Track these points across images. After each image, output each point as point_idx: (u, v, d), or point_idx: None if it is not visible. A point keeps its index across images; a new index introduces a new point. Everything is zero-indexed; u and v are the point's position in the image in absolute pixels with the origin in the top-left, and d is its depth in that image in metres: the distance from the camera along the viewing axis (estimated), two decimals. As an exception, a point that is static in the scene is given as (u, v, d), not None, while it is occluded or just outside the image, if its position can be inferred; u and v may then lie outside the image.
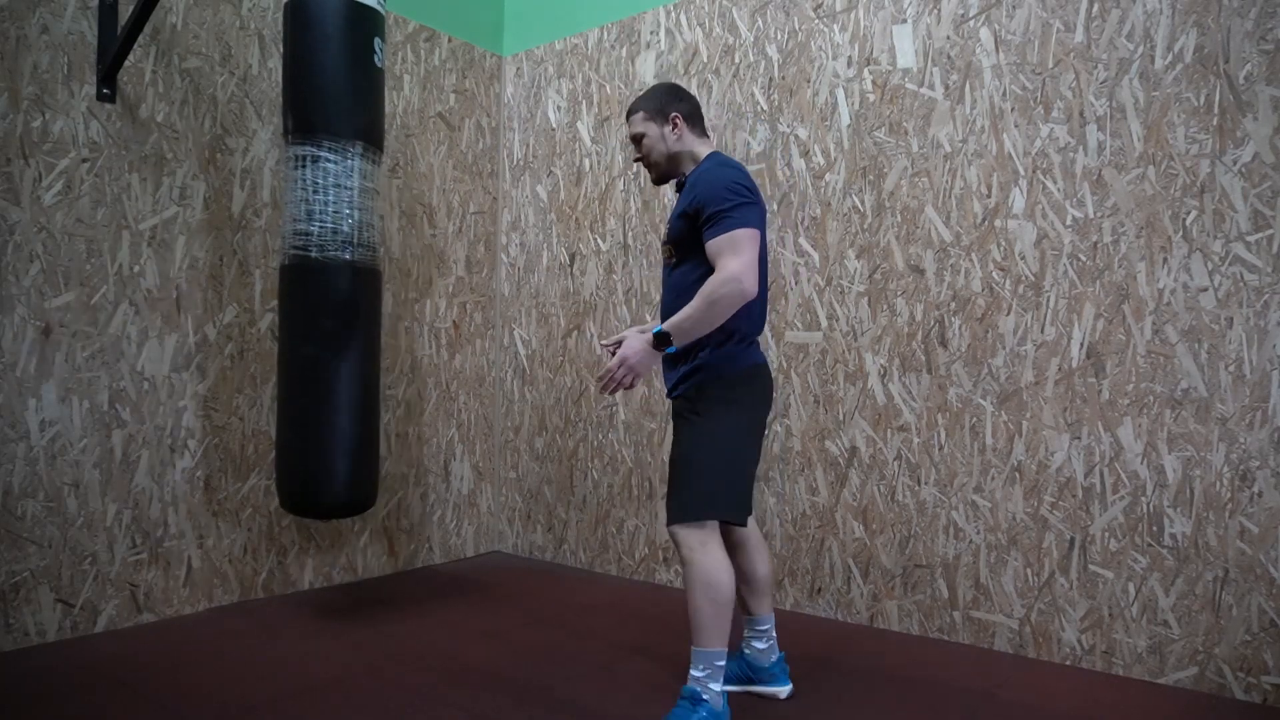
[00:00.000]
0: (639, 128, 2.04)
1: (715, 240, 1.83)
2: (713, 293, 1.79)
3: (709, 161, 1.98)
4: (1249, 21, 2.12)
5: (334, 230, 2.40)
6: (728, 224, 1.83)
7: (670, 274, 2.00)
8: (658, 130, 2.02)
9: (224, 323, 2.81)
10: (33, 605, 2.38)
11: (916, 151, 2.63)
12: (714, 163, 1.96)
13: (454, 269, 3.59)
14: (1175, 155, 2.22)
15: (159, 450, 2.65)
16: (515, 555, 3.72)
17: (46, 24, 2.42)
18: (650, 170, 2.08)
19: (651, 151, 2.03)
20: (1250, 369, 2.12)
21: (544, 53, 3.65)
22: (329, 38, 2.38)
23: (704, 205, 1.85)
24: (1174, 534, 2.21)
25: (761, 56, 2.97)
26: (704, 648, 1.81)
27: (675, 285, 1.97)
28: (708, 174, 1.92)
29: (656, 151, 2.03)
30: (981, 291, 2.52)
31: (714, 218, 1.84)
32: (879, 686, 2.18)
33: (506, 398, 3.77)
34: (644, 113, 2.03)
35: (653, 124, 2.02)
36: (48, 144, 2.42)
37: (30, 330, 2.39)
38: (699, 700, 1.80)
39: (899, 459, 2.66)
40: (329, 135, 2.39)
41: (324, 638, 2.50)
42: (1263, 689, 2.09)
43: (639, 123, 2.04)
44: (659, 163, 2.04)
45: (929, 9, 2.62)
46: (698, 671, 1.82)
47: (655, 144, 2.02)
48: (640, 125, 2.04)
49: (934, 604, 2.59)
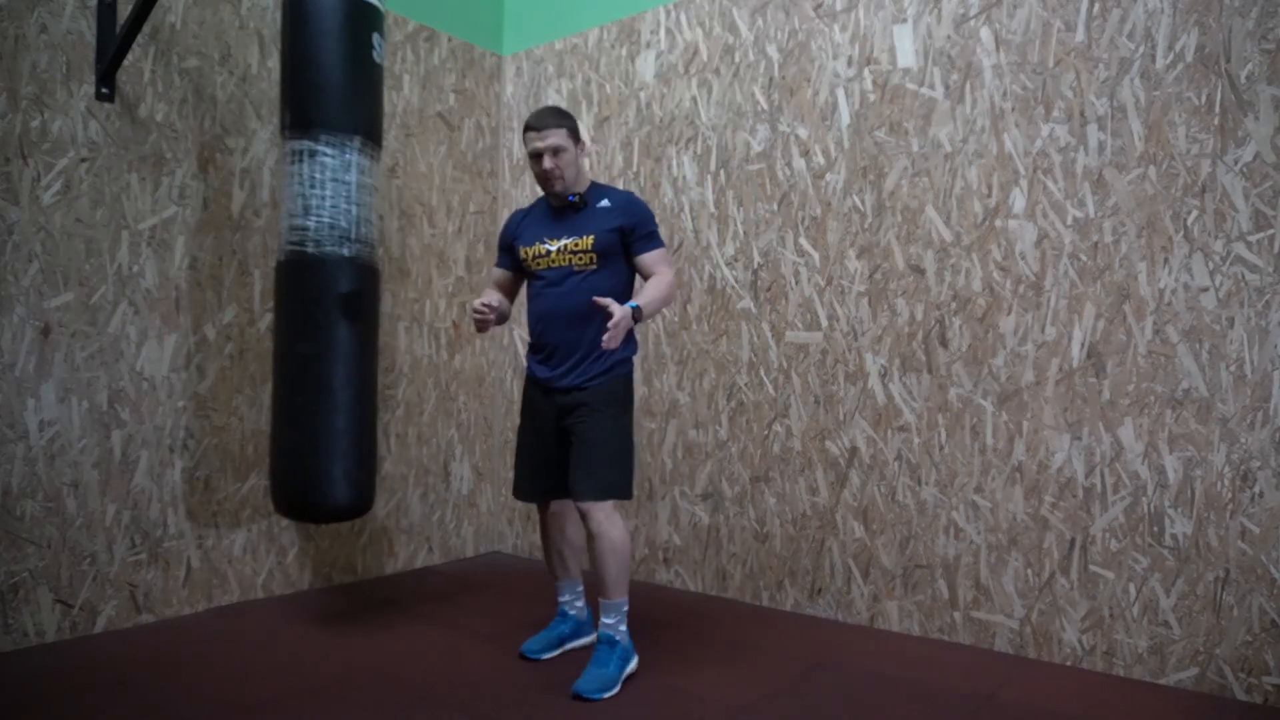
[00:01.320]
0: (563, 141, 2.25)
1: (656, 252, 2.30)
2: (672, 289, 2.25)
3: (615, 189, 2.37)
4: (1250, 21, 2.12)
5: (331, 225, 2.37)
6: (659, 240, 2.32)
7: (580, 280, 2.25)
8: (574, 150, 2.28)
9: (223, 323, 2.81)
10: (32, 605, 2.38)
11: (917, 151, 2.63)
12: (626, 192, 2.38)
13: (454, 269, 3.59)
14: (1176, 155, 2.22)
15: (158, 450, 2.65)
16: (515, 555, 3.72)
17: (45, 23, 2.41)
18: (553, 182, 2.27)
19: (567, 166, 2.26)
20: (1251, 369, 2.11)
21: (544, 52, 3.64)
22: (327, 32, 2.37)
23: (640, 224, 2.28)
24: (1175, 534, 2.21)
25: (761, 56, 2.97)
26: (615, 599, 2.19)
27: (589, 290, 2.22)
28: (636, 199, 2.34)
29: (571, 167, 2.28)
30: (982, 291, 2.51)
31: (651, 235, 2.30)
32: (879, 687, 2.18)
33: (506, 398, 3.77)
34: (567, 130, 2.27)
35: (572, 142, 2.27)
36: (46, 144, 2.42)
37: (29, 330, 2.39)
38: (614, 642, 2.18)
39: (899, 459, 2.65)
40: (326, 130, 2.37)
41: (324, 638, 2.50)
42: (1264, 689, 2.09)
43: (563, 138, 2.25)
44: (566, 178, 2.27)
45: (929, 8, 2.61)
46: (609, 619, 2.19)
47: (571, 161, 2.27)
48: (564, 140, 2.25)
49: (934, 604, 2.59)
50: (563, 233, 2.30)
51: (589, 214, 2.30)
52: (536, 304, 2.34)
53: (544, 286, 2.31)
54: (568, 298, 2.26)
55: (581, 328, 2.24)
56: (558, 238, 2.30)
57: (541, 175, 2.28)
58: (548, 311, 2.30)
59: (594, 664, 2.14)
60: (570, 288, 2.26)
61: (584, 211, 2.30)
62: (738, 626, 2.67)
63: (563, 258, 2.28)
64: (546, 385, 2.31)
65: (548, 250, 2.29)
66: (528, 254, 2.33)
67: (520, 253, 2.36)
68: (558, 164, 2.25)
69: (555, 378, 2.28)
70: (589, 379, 2.25)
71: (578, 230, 2.28)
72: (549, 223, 2.34)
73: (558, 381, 2.28)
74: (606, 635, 2.18)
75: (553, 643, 2.40)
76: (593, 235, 2.25)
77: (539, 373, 2.33)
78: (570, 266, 2.27)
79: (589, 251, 2.25)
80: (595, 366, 2.25)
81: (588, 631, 2.49)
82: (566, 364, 2.27)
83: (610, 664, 2.14)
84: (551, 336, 2.29)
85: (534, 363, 2.35)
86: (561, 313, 2.26)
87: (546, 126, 2.24)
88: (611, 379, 2.27)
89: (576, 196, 2.30)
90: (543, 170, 2.26)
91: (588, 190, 2.34)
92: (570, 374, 2.26)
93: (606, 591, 2.18)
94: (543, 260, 2.30)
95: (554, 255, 2.29)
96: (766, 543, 2.93)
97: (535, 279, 2.35)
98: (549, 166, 2.25)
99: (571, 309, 2.24)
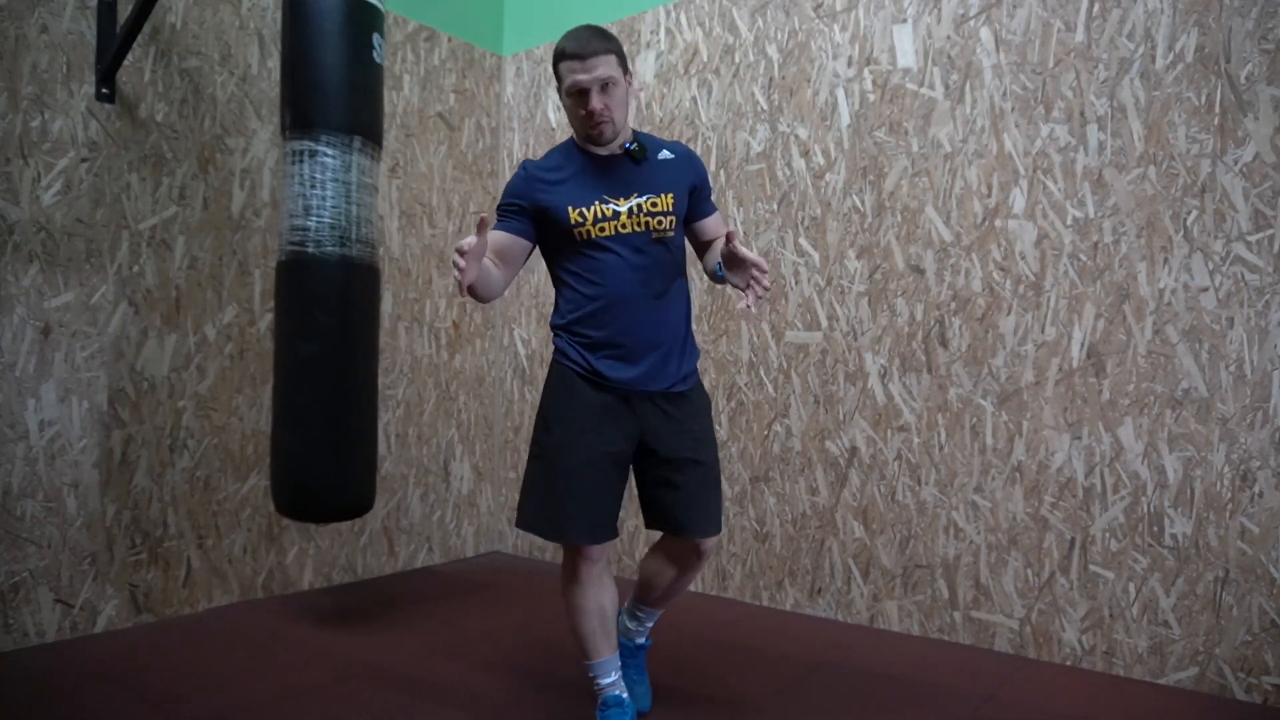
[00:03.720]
0: (613, 72, 1.69)
1: (717, 215, 1.94)
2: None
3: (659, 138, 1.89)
4: (1250, 21, 2.12)
5: (331, 225, 2.37)
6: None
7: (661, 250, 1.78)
8: (625, 84, 1.73)
9: (224, 323, 2.81)
10: (32, 605, 2.38)
11: (916, 151, 2.63)
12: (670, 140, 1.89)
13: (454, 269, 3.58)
14: (1176, 155, 2.22)
15: (158, 450, 2.65)
16: (515, 555, 3.72)
17: (45, 24, 2.41)
18: (602, 129, 1.72)
19: (618, 107, 1.71)
20: (1251, 369, 2.12)
21: (544, 52, 3.64)
22: (327, 32, 2.37)
23: (706, 182, 1.89)
24: (1174, 534, 2.21)
25: (761, 56, 2.97)
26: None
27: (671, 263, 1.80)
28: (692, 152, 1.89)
29: (622, 108, 1.73)
30: (982, 291, 2.51)
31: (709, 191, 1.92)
32: (879, 687, 2.18)
33: (506, 398, 3.77)
34: (618, 57, 1.70)
35: (622, 73, 1.72)
36: (47, 144, 2.42)
37: (30, 330, 2.39)
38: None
39: (899, 459, 2.65)
40: (327, 130, 2.37)
41: (324, 638, 2.50)
42: (1263, 689, 2.09)
43: (613, 67, 1.69)
44: (617, 120, 1.73)
45: (929, 9, 2.61)
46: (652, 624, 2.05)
47: (623, 99, 1.72)
48: (614, 70, 1.69)
49: (934, 604, 2.59)
50: (630, 189, 1.76)
51: (654, 167, 1.80)
52: (599, 282, 1.76)
53: (613, 260, 1.75)
54: (650, 272, 1.76)
55: (664, 311, 1.79)
56: (625, 195, 1.76)
57: (587, 119, 1.71)
58: (623, 293, 1.75)
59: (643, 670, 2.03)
60: (650, 260, 1.76)
61: (645, 164, 1.79)
62: (737, 626, 2.67)
63: (637, 221, 1.75)
64: (626, 390, 1.76)
65: (615, 212, 1.74)
66: (585, 216, 1.74)
67: (569, 216, 1.74)
68: (608, 103, 1.69)
69: (639, 380, 1.76)
70: (683, 378, 1.80)
71: (652, 185, 1.77)
72: (602, 177, 1.77)
73: (644, 385, 1.76)
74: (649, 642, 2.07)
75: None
76: (671, 193, 1.78)
77: (615, 373, 1.75)
78: (649, 232, 1.75)
79: (670, 213, 1.77)
80: (687, 363, 1.81)
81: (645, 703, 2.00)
82: (649, 360, 1.76)
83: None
84: (629, 325, 1.75)
85: (601, 362, 1.76)
86: (645, 292, 1.76)
87: (594, 53, 1.67)
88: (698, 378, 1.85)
89: (635, 144, 1.78)
90: (589, 111, 1.69)
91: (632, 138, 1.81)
92: (660, 374, 1.77)
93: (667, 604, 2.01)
94: (609, 225, 1.74)
95: (624, 218, 1.74)
96: (766, 542, 2.93)
97: (591, 249, 1.76)
98: (597, 106, 1.68)
99: (656, 286, 1.77)
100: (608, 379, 1.75)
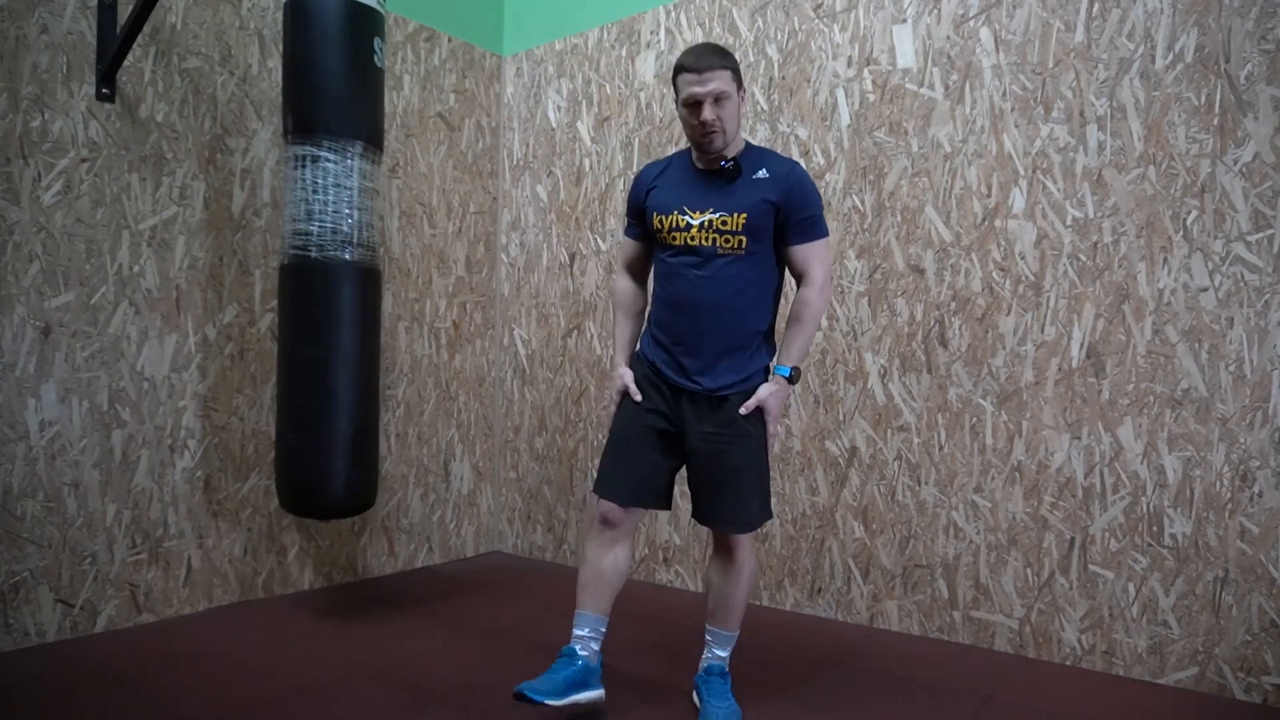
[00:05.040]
0: (727, 86, 1.82)
1: (816, 244, 1.89)
2: (821, 310, 1.89)
3: (777, 156, 1.93)
4: (1250, 21, 2.12)
5: (334, 230, 2.40)
6: (822, 229, 1.89)
7: (723, 265, 1.86)
8: (738, 98, 1.86)
9: (224, 323, 2.81)
10: (32, 605, 2.38)
11: (916, 151, 2.63)
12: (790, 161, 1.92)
13: (454, 269, 3.59)
14: (1176, 155, 2.22)
15: (159, 450, 2.65)
16: (515, 555, 3.72)
17: (46, 24, 2.41)
18: (712, 138, 1.83)
19: (730, 119, 1.83)
20: (1251, 369, 2.12)
21: (544, 53, 3.65)
22: (329, 37, 2.38)
23: (803, 205, 1.87)
24: (1174, 534, 2.21)
25: (761, 56, 2.97)
26: (736, 631, 2.04)
27: (733, 280, 1.86)
28: (801, 173, 1.89)
29: (733, 120, 1.84)
30: (981, 291, 2.51)
31: (812, 221, 1.88)
32: (879, 686, 2.18)
33: (506, 398, 3.77)
34: (732, 73, 1.83)
35: (736, 88, 1.85)
36: (47, 144, 2.42)
37: (30, 330, 2.39)
38: (726, 674, 2.02)
39: (899, 459, 2.65)
40: (329, 135, 2.39)
41: (324, 638, 2.50)
42: (1263, 689, 2.09)
43: (728, 81, 1.82)
44: (729, 131, 1.84)
45: (929, 9, 2.61)
46: (724, 651, 2.04)
47: (734, 112, 1.84)
48: (729, 84, 1.82)
49: (934, 604, 2.59)
50: (709, 203, 1.87)
51: (744, 184, 1.87)
52: (667, 286, 1.94)
53: (681, 267, 1.90)
54: (706, 286, 1.86)
55: (720, 322, 1.88)
56: (702, 209, 1.87)
57: (699, 128, 1.83)
58: (680, 298, 1.90)
59: (716, 696, 1.94)
60: (711, 273, 1.86)
61: (738, 180, 1.87)
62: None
63: (705, 235, 1.86)
64: (674, 385, 1.93)
65: (688, 224, 1.87)
66: (664, 223, 1.91)
67: (653, 220, 1.93)
68: (720, 115, 1.81)
69: (684, 379, 1.91)
70: (728, 386, 1.89)
71: (728, 204, 1.86)
72: (693, 187, 1.91)
73: (688, 385, 1.91)
74: (721, 668, 2.01)
75: (559, 687, 1.86)
76: (745, 213, 1.84)
77: (666, 370, 1.93)
78: (715, 248, 1.86)
79: (738, 233, 1.85)
80: (735, 371, 1.89)
81: (595, 684, 1.94)
82: (697, 363, 1.89)
83: (729, 696, 1.96)
84: (683, 328, 1.90)
85: (658, 355, 1.95)
86: (699, 303, 1.88)
87: (710, 68, 1.80)
88: (754, 388, 1.91)
89: (731, 162, 1.87)
90: (701, 122, 1.81)
91: (742, 153, 1.90)
92: (704, 377, 1.89)
93: (731, 623, 2.01)
94: (680, 235, 1.89)
95: (695, 231, 1.87)
96: (766, 542, 2.93)
97: (667, 253, 1.93)
98: (709, 118, 1.80)
99: (712, 300, 1.87)
100: (661, 375, 1.94)
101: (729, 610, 2.00)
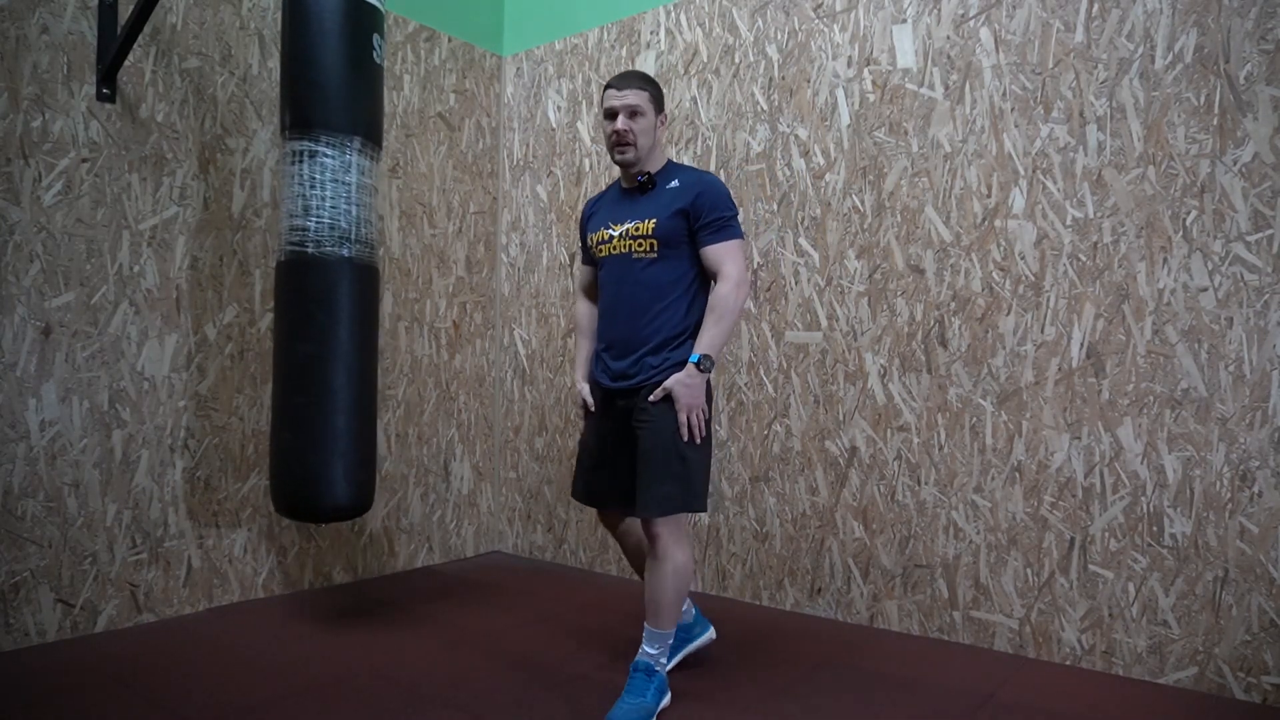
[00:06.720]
0: (642, 103, 2.04)
1: (723, 245, 2.01)
2: (735, 304, 1.97)
3: (692, 170, 2.11)
4: (1249, 21, 2.12)
5: (331, 226, 2.37)
6: (732, 231, 2.03)
7: (640, 269, 2.04)
8: (653, 117, 2.07)
9: (224, 323, 2.81)
10: (33, 605, 2.38)
11: (916, 151, 2.63)
12: (702, 172, 2.10)
13: (454, 269, 3.59)
14: (1175, 155, 2.22)
15: (159, 450, 2.65)
16: (515, 555, 3.72)
17: (46, 24, 2.42)
18: (624, 150, 2.05)
19: (642, 134, 2.04)
20: (1250, 369, 2.12)
21: (544, 53, 3.65)
22: (327, 33, 2.37)
23: (710, 209, 2.01)
24: (1174, 534, 2.21)
25: (761, 56, 2.97)
26: (665, 629, 2.00)
27: (650, 281, 2.03)
28: (710, 181, 2.06)
29: (645, 135, 2.05)
30: (981, 291, 2.52)
31: (721, 222, 2.01)
32: (879, 686, 2.18)
33: (506, 398, 3.77)
34: (650, 95, 2.06)
35: (653, 109, 2.06)
36: (47, 144, 2.42)
37: (30, 330, 2.39)
38: (653, 671, 1.99)
39: (899, 459, 2.66)
40: (326, 130, 2.37)
41: (324, 638, 2.50)
42: (1263, 689, 2.09)
43: (644, 100, 2.04)
44: (641, 145, 2.05)
45: (929, 9, 2.62)
46: (652, 649, 2.00)
47: (647, 129, 2.05)
48: (644, 102, 2.04)
49: (934, 604, 2.59)
50: (627, 216, 2.08)
51: (656, 195, 2.07)
52: (602, 296, 2.15)
53: (608, 277, 2.11)
54: (628, 289, 2.05)
55: (640, 322, 2.03)
56: (621, 221, 2.08)
57: (613, 137, 2.05)
58: (610, 304, 2.10)
59: (631, 693, 1.95)
60: (632, 277, 2.05)
61: (651, 192, 2.08)
62: (737, 626, 2.67)
63: (623, 244, 2.06)
64: (606, 390, 2.11)
65: (610, 236, 2.09)
66: (594, 240, 2.14)
67: (590, 240, 2.18)
68: (632, 128, 2.02)
69: (615, 380, 2.08)
70: (648, 378, 2.01)
71: (642, 213, 2.05)
72: (618, 204, 2.13)
73: (616, 383, 2.07)
74: (646, 664, 1.99)
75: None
76: (655, 218, 2.03)
77: (599, 376, 2.13)
78: (630, 254, 2.05)
79: (649, 237, 2.02)
80: (655, 366, 2.02)
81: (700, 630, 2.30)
82: (624, 363, 2.06)
83: (648, 694, 1.95)
84: (614, 332, 2.08)
85: (597, 366, 2.16)
86: (622, 305, 2.06)
87: (630, 86, 2.04)
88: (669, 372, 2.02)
89: (646, 175, 2.07)
90: (615, 131, 2.04)
91: (663, 169, 2.11)
92: (631, 375, 2.05)
93: (659, 620, 1.99)
94: (605, 247, 2.10)
95: (616, 241, 2.07)
96: (766, 542, 2.93)
97: (601, 268, 2.15)
98: (622, 127, 2.02)
99: (630, 302, 2.04)
100: (599, 384, 2.13)
101: (654, 606, 1.99)
